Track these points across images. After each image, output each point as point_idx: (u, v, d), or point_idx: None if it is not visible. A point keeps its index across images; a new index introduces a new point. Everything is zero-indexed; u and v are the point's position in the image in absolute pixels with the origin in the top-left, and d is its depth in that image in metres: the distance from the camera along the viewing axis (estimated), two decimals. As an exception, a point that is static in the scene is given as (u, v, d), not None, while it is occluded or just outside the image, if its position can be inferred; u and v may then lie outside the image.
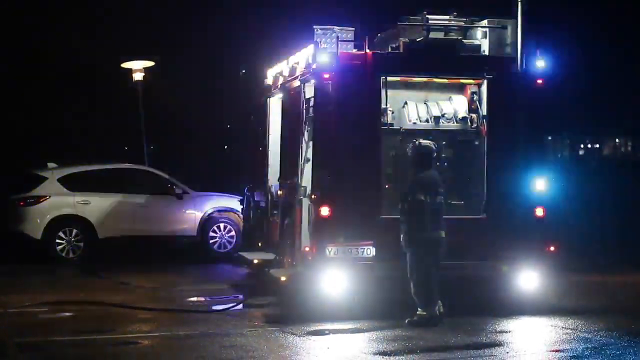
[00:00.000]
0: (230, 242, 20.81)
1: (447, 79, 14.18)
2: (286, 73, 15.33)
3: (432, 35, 13.99)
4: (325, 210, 13.22)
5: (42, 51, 32.49)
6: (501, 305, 13.52)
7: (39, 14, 32.11)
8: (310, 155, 13.84)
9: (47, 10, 31.97)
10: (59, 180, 20.28)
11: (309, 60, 13.88)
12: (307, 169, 13.95)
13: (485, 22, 14.25)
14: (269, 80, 16.69)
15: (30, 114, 32.82)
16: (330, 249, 13.22)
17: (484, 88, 13.99)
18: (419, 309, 12.70)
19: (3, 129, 31.68)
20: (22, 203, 20.07)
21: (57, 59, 32.57)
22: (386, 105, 13.65)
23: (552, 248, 13.82)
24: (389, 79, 13.63)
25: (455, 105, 14.12)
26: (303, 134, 14.16)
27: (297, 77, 14.56)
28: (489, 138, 13.84)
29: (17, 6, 32.13)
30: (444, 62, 13.83)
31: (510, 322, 13.11)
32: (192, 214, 20.80)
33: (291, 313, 13.47)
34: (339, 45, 13.45)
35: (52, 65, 32.74)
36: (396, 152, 13.77)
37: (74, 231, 20.02)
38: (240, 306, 14.21)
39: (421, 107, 14.05)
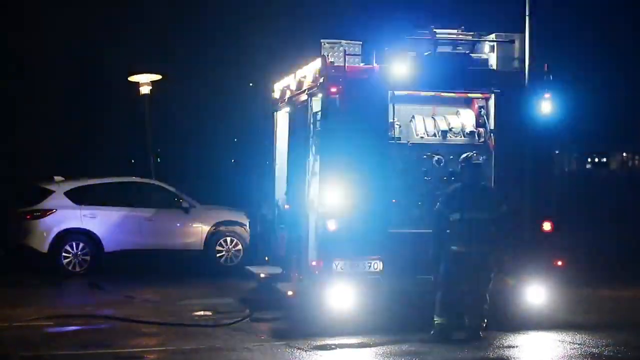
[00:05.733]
0: (236, 256, 20.77)
1: (454, 93, 14.15)
2: (293, 87, 15.31)
3: (440, 49, 13.98)
4: (332, 224, 13.19)
5: (50, 64, 32.57)
6: (508, 320, 13.46)
7: (48, 28, 32.20)
8: (317, 169, 13.81)
9: (56, 24, 32.06)
10: (65, 193, 20.27)
11: (316, 74, 13.86)
12: (314, 182, 13.93)
13: (492, 36, 14.23)
14: (276, 94, 16.67)
15: (36, 126, 32.87)
16: (337, 263, 13.18)
17: (492, 102, 13.96)
18: (434, 317, 12.60)
19: (9, 141, 31.72)
20: (28, 216, 20.06)
21: (64, 71, 32.65)
22: (393, 119, 13.64)
23: (559, 262, 13.76)
24: (396, 93, 13.62)
25: (463, 120, 14.10)
26: (310, 148, 14.14)
27: (304, 91, 14.54)
28: (497, 152, 13.81)
29: (26, 19, 32.25)
30: (452, 77, 13.81)
31: (518, 336, 13.06)
32: (199, 228, 20.77)
33: (298, 327, 13.43)
34: (347, 59, 13.45)
35: (59, 77, 32.82)
36: (403, 166, 13.74)
37: (81, 245, 19.99)
38: (246, 320, 14.16)
39: (429, 121, 14.04)
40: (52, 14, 32.08)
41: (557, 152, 14.44)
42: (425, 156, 13.82)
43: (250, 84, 24.23)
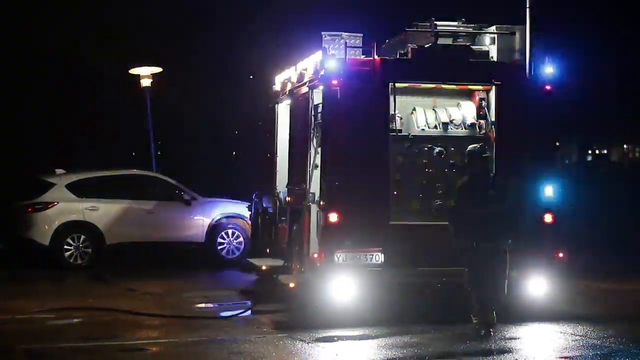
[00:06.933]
0: (238, 249, 20.80)
1: (455, 85, 14.14)
2: (294, 79, 15.32)
3: (441, 41, 13.99)
4: (333, 217, 13.20)
5: (51, 57, 32.56)
6: (510, 312, 13.45)
7: (48, 20, 32.18)
8: (318, 161, 13.83)
9: (56, 16, 32.04)
10: (67, 186, 20.30)
11: (317, 67, 13.87)
12: (315, 175, 13.94)
13: (493, 28, 14.23)
14: (277, 87, 16.69)
15: (37, 119, 32.89)
16: (338, 255, 13.20)
17: (493, 94, 13.96)
18: (473, 318, 12.51)
19: (11, 134, 31.74)
20: (30, 209, 20.09)
21: (65, 64, 32.64)
22: (394, 111, 13.62)
23: (560, 254, 13.77)
24: (397, 85, 13.61)
25: (464, 112, 14.10)
26: (311, 140, 14.16)
27: (305, 83, 14.56)
28: (498, 144, 13.80)
29: (26, 12, 32.22)
30: (452, 68, 13.81)
31: (519, 328, 13.07)
32: (200, 220, 20.80)
33: (299, 319, 13.45)
34: (347, 51, 13.45)
35: (60, 70, 32.81)
36: (404, 158, 13.75)
37: (82, 237, 20.03)
38: (248, 312, 14.18)
39: (429, 113, 14.03)
40: (51, 7, 32.07)
41: (557, 143, 14.42)
42: (426, 148, 13.82)
43: (251, 77, 24.19)
